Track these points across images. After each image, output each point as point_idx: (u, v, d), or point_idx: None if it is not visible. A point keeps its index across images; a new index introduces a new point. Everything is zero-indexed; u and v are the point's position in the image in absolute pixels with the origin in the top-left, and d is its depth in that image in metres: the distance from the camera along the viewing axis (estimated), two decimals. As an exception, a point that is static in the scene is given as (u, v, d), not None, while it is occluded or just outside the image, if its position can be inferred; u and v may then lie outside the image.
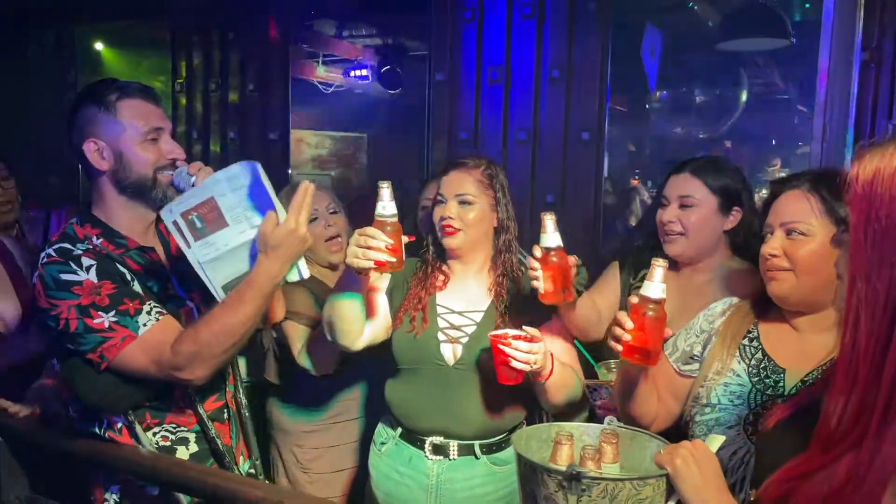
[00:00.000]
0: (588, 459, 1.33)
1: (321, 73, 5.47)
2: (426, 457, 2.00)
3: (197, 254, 1.67)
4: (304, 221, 1.63)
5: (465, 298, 2.06)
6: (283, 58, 4.38)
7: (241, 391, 2.00)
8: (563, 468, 1.22)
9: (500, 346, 1.76)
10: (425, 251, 2.12)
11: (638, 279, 2.17)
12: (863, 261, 0.94)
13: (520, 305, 2.00)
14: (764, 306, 1.64)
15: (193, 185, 1.69)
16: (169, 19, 4.65)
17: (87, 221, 1.80)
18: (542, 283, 1.77)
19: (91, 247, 1.73)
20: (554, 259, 1.75)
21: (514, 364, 1.75)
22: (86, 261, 1.69)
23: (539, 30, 3.71)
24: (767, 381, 1.56)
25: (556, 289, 1.75)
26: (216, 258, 1.67)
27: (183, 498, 1.78)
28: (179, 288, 1.86)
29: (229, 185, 1.63)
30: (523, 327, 1.81)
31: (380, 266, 1.75)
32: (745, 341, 1.62)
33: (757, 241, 2.07)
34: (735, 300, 1.73)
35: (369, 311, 1.97)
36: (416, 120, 4.14)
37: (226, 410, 1.91)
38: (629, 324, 1.49)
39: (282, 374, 2.46)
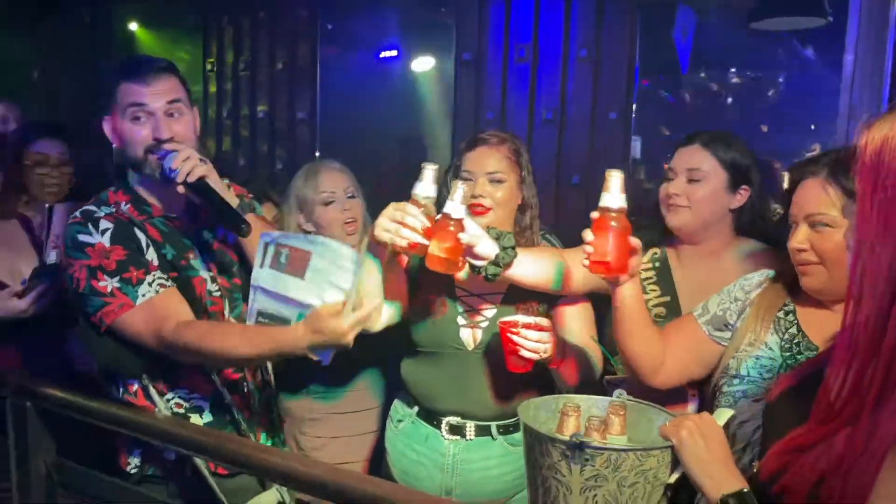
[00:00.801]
0: (593, 430, 1.33)
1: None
2: (443, 437, 2.01)
3: (260, 277, 1.69)
4: (355, 331, 1.58)
5: (482, 279, 2.04)
6: (313, 36, 4.40)
7: (267, 369, 2.02)
8: (567, 438, 1.22)
9: (510, 335, 1.73)
10: None
11: (647, 259, 2.12)
12: (868, 230, 0.92)
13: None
14: (797, 286, 1.61)
15: (174, 178, 1.70)
16: (200, -2, 4.71)
17: (121, 188, 1.86)
18: (432, 246, 1.65)
19: (114, 211, 1.79)
20: (451, 228, 1.65)
21: (524, 353, 1.74)
22: (104, 224, 1.75)
23: (567, 8, 3.68)
24: (799, 356, 1.53)
25: (447, 258, 1.65)
26: (271, 292, 1.68)
27: (201, 462, 1.82)
28: (201, 258, 1.88)
29: (333, 255, 1.61)
30: (535, 318, 1.79)
31: (412, 248, 1.67)
32: (781, 314, 1.60)
33: (763, 223, 2.04)
34: (772, 272, 1.69)
35: (388, 291, 1.90)
36: (444, 99, 4.14)
37: (245, 384, 1.93)
38: (590, 236, 1.51)
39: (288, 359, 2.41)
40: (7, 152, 2.30)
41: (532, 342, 1.73)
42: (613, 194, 1.50)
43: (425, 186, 1.70)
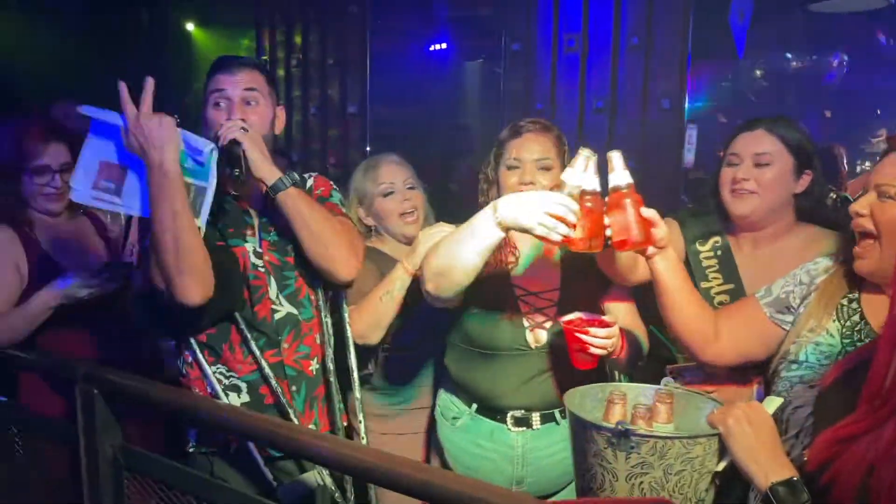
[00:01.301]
0: (639, 418, 1.33)
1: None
2: (509, 429, 1.99)
3: (129, 206, 1.78)
4: (143, 113, 1.68)
5: (538, 276, 2.01)
6: (362, 32, 4.46)
7: (328, 357, 2.00)
8: (612, 425, 1.22)
9: (578, 334, 1.71)
10: None
11: (708, 247, 2.09)
12: None
13: (586, 275, 1.96)
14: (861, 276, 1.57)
15: (212, 152, 1.79)
16: (253, -3, 4.82)
17: None
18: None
19: None
20: (588, 204, 1.58)
21: (593, 350, 1.72)
22: None
23: (617, -6, 3.64)
24: (859, 343, 1.49)
25: (585, 236, 1.59)
26: (142, 197, 1.76)
27: (253, 445, 1.88)
28: (259, 235, 1.93)
29: (99, 139, 1.72)
30: (597, 316, 1.76)
31: (564, 242, 1.60)
32: (845, 301, 1.56)
33: (823, 209, 1.99)
34: (840, 258, 1.66)
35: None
36: (494, 91, 4.15)
37: (285, 368, 1.94)
38: (607, 218, 1.57)
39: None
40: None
41: (600, 339, 1.71)
42: (618, 172, 1.54)
43: (578, 175, 1.63)
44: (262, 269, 1.91)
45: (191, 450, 1.96)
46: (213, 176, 1.82)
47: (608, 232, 1.57)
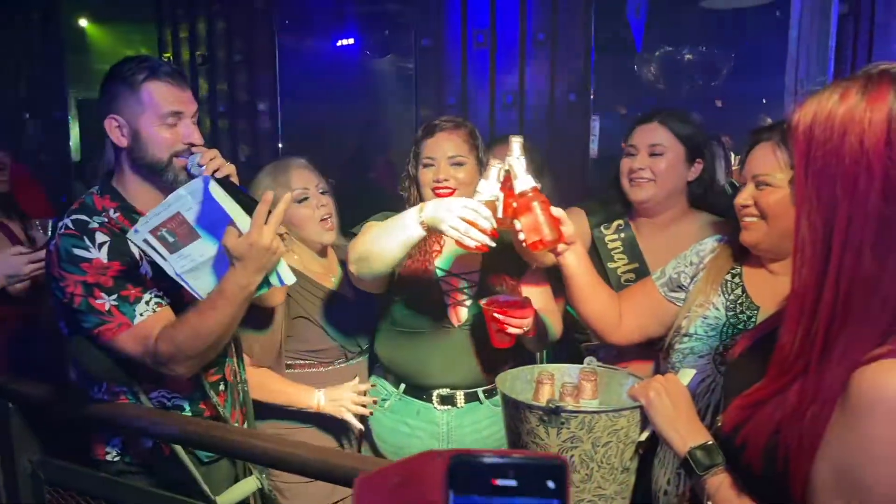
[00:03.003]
0: (567, 395, 1.41)
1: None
2: (434, 408, 2.09)
3: (174, 265, 1.66)
4: (271, 233, 1.59)
5: (459, 261, 2.12)
6: (269, 28, 4.39)
7: (242, 364, 2.02)
8: (543, 404, 1.29)
9: (497, 314, 1.81)
10: None
11: (612, 231, 2.23)
12: (804, 199, 1.01)
13: (505, 258, 2.07)
14: (745, 251, 1.72)
15: (199, 175, 1.67)
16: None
17: (107, 193, 1.81)
18: (526, 231, 1.68)
19: (107, 220, 1.74)
20: (536, 202, 1.65)
21: (511, 330, 1.83)
22: (100, 237, 1.70)
23: (523, -9, 3.73)
24: (741, 315, 1.66)
25: (547, 234, 1.65)
26: (194, 269, 1.67)
27: (181, 451, 1.85)
28: None
29: (194, 199, 1.61)
30: (514, 297, 1.88)
31: (477, 249, 1.72)
32: (728, 277, 1.72)
33: (715, 195, 2.17)
34: (724, 238, 1.81)
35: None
36: (406, 86, 4.18)
37: (223, 383, 1.93)
38: (518, 223, 1.66)
39: None
40: None
41: (518, 319, 1.83)
42: (521, 178, 1.64)
43: (492, 185, 1.76)
44: None
45: (114, 460, 1.87)
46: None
47: (521, 235, 1.67)
